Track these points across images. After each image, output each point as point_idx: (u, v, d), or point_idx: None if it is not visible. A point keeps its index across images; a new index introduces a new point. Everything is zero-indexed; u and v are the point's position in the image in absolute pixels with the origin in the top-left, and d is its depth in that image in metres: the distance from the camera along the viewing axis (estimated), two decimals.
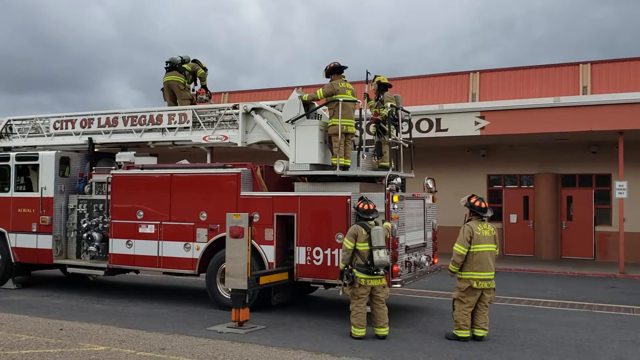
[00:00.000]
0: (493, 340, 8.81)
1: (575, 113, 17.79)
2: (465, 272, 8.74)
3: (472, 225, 8.91)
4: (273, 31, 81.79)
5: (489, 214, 9.13)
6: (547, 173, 21.67)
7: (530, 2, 69.52)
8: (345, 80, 10.91)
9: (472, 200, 9.13)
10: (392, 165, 11.39)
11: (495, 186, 22.95)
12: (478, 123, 18.60)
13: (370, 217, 9.08)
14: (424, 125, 19.24)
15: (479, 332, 8.74)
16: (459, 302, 8.74)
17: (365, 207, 9.15)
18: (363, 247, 8.83)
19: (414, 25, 74.93)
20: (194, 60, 14.01)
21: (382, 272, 8.83)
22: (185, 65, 13.67)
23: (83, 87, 78.91)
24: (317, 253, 10.28)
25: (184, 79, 13.51)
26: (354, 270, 8.82)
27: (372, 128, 11.47)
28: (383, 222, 9.45)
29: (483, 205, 9.06)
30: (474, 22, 72.03)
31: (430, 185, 11.94)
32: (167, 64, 13.68)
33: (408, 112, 12.26)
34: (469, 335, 8.69)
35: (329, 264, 10.16)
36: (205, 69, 14.00)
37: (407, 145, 11.89)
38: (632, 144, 18.93)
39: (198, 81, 13.96)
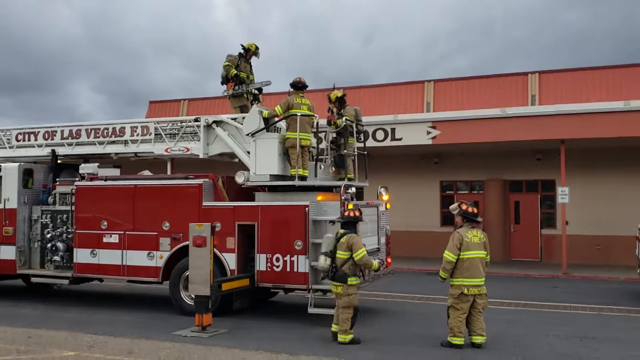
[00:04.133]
0: (435, 337, 9.40)
1: (520, 123, 18.92)
2: (456, 278, 8.86)
3: (462, 232, 8.99)
4: (246, 33, 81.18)
5: (480, 219, 9.29)
6: (496, 179, 22.81)
7: (508, 3, 71.01)
8: (302, 96, 11.53)
9: (464, 207, 9.18)
10: (354, 176, 12.12)
11: (447, 192, 24.00)
12: (430, 132, 19.55)
13: (347, 226, 9.45)
14: (380, 135, 20.10)
15: (477, 339, 8.85)
16: (453, 309, 8.86)
17: (345, 214, 9.64)
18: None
19: (392, 27, 75.64)
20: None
21: (321, 275, 9.36)
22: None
23: (46, 89, 77.19)
24: (277, 259, 10.83)
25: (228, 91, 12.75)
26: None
27: (330, 136, 12.12)
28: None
29: (476, 210, 9.18)
30: (452, 23, 73.39)
31: (383, 193, 12.65)
32: None
33: (363, 125, 12.97)
34: (463, 342, 8.80)
35: (288, 269, 10.71)
36: (227, 63, 12.56)
37: (359, 154, 12.56)
38: (574, 151, 20.13)
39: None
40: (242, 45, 12.92)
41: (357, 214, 9.54)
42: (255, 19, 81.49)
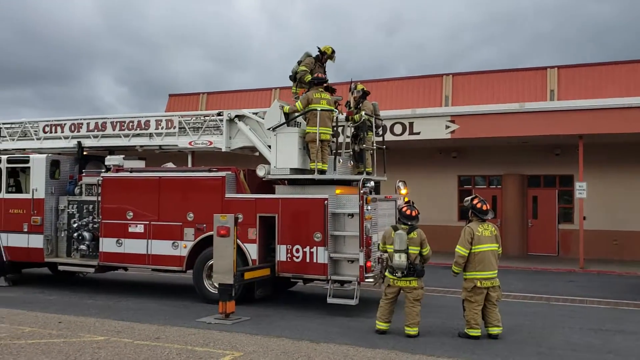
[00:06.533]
0: (453, 328, 9.64)
1: (539, 118, 18.94)
2: (469, 272, 9.03)
3: (473, 226, 9.17)
4: (269, 23, 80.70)
5: (490, 215, 9.32)
6: (514, 174, 22.86)
7: None
8: (322, 91, 11.72)
9: (475, 202, 9.35)
10: (372, 170, 12.35)
11: (465, 186, 24.08)
12: (448, 127, 19.66)
13: (408, 223, 9.33)
14: (398, 129, 20.25)
15: (494, 330, 9.02)
16: (467, 302, 9.07)
17: (407, 211, 9.44)
18: (390, 248, 9.22)
19: (416, 18, 74.88)
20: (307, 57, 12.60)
21: (399, 274, 9.11)
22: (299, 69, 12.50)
23: (66, 80, 77.77)
24: (297, 250, 11.13)
25: (294, 87, 12.64)
26: (387, 270, 9.38)
27: (348, 130, 12.32)
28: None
29: (484, 207, 9.25)
30: (478, 15, 72.63)
31: (402, 187, 12.85)
32: None
33: (381, 120, 13.18)
34: (480, 334, 8.97)
35: (307, 260, 11.02)
36: (303, 61, 12.44)
37: (378, 148, 12.76)
38: (592, 146, 20.10)
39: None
40: (319, 48, 12.65)
41: (415, 212, 9.48)
42: (278, 9, 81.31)
